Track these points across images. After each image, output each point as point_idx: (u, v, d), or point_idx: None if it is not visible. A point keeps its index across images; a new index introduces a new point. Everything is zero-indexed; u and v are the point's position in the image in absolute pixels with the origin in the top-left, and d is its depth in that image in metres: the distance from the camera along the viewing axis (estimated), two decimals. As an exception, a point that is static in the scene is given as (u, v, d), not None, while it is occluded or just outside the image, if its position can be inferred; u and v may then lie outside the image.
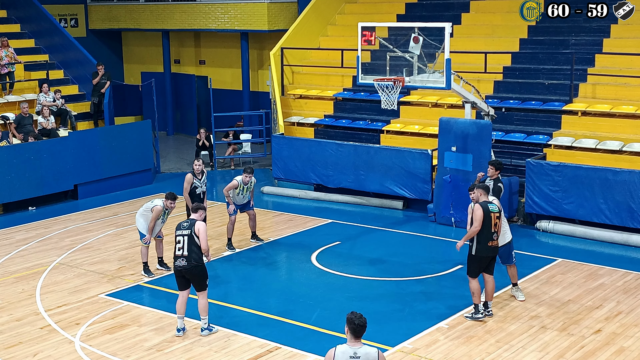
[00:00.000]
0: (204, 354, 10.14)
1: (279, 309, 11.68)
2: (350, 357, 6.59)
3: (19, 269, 13.73)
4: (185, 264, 10.54)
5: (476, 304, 11.07)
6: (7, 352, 10.30)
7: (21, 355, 10.21)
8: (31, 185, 17.82)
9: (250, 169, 14.43)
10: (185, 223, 10.73)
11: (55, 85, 21.56)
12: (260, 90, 25.73)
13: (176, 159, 23.65)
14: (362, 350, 6.68)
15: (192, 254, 10.53)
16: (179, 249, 10.60)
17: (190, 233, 10.58)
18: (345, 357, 6.57)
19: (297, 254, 14.50)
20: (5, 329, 11.06)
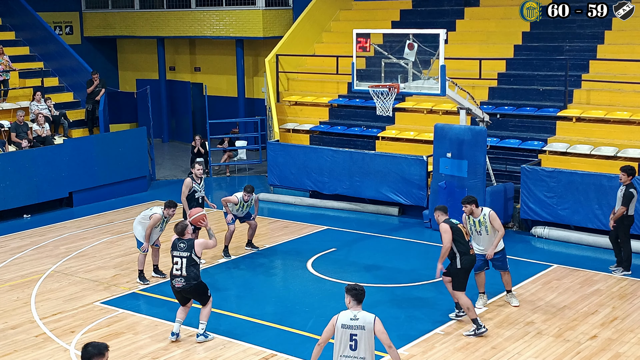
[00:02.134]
0: (199, 362, 10.12)
1: (275, 316, 11.66)
2: (350, 319, 7.61)
3: (13, 277, 13.69)
4: (184, 284, 10.50)
5: (474, 319, 10.79)
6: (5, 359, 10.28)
7: (16, 363, 10.18)
8: (26, 193, 17.78)
9: (250, 188, 14.41)
10: (182, 244, 10.60)
11: (50, 92, 21.55)
12: (255, 97, 25.75)
13: (171, 166, 23.62)
14: (361, 314, 7.65)
15: (191, 274, 10.48)
16: (177, 270, 10.52)
17: (190, 255, 10.52)
18: (346, 319, 7.62)
19: (292, 260, 14.48)
20: (0, 337, 11.01)
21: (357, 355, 7.50)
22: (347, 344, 7.53)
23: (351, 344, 7.52)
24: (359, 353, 7.49)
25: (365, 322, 7.55)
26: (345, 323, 7.58)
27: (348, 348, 7.53)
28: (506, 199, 16.01)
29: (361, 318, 7.58)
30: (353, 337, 7.51)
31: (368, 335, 7.52)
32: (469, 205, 11.41)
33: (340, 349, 7.57)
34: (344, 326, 7.57)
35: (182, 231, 10.69)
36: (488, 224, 11.37)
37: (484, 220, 11.38)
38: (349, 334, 7.53)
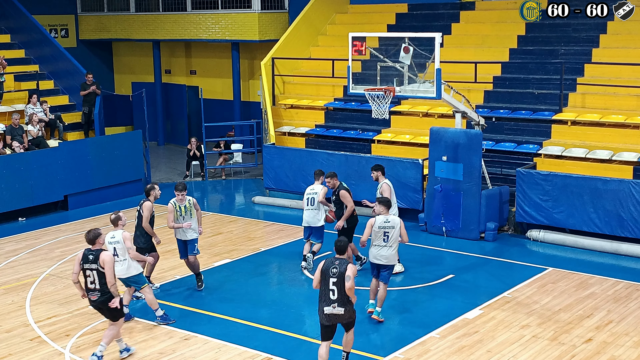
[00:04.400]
0: (194, 365, 10.10)
1: (270, 320, 11.65)
2: (384, 222, 11.26)
3: (8, 280, 13.66)
4: (99, 297, 9.91)
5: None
6: (-3, 364, 10.25)
7: (11, 367, 10.16)
8: (21, 196, 17.76)
9: (182, 186, 12.54)
10: (91, 255, 9.87)
11: (45, 95, 21.52)
12: (251, 100, 25.75)
13: (167, 169, 23.60)
14: (391, 218, 11.36)
15: (105, 287, 9.89)
16: (91, 283, 9.89)
17: (98, 268, 9.84)
18: (381, 222, 11.26)
19: (288, 264, 14.47)
20: (-5, 341, 11.00)
21: (388, 245, 11.21)
22: (381, 238, 11.17)
23: (384, 238, 11.17)
24: (389, 243, 11.19)
25: (395, 223, 11.22)
26: (380, 225, 11.17)
27: (382, 240, 11.18)
28: (501, 202, 16.03)
29: (392, 221, 11.27)
30: (386, 233, 11.15)
31: (395, 232, 11.19)
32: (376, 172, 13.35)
33: (377, 241, 11.22)
34: (380, 227, 11.17)
35: (93, 239, 9.97)
36: None
37: None
38: (382, 232, 11.14)
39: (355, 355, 10.35)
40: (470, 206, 15.58)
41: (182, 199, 12.56)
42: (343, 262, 9.39)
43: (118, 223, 11.18)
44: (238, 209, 19.40)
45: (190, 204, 12.55)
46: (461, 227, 15.75)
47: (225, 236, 16.36)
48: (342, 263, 9.36)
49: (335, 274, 9.29)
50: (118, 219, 11.20)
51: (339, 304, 9.33)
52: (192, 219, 12.62)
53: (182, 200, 12.55)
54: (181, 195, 12.55)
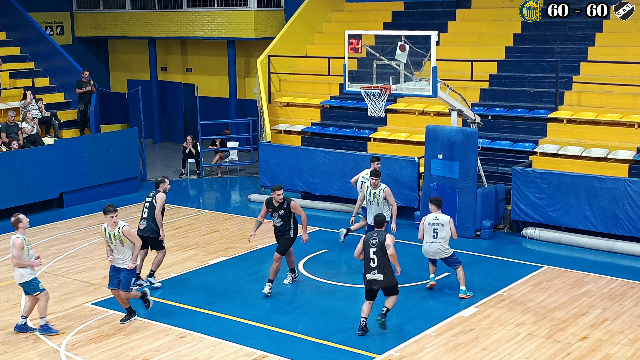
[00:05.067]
0: (190, 363, 10.10)
1: (265, 318, 11.65)
2: (433, 219, 12.29)
3: (3, 278, 13.64)
4: None
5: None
6: None
7: (6, 365, 10.14)
8: (16, 194, 17.72)
9: (112, 207, 11.00)
10: None
11: (41, 93, 21.47)
12: (247, 98, 25.73)
13: (163, 167, 23.58)
14: (440, 216, 12.32)
15: None
16: None
17: None
18: (431, 219, 12.29)
19: (284, 262, 14.43)
20: (-10, 339, 10.98)
21: (437, 241, 12.24)
22: (431, 234, 12.21)
23: (434, 235, 12.18)
24: (438, 239, 12.22)
25: (444, 221, 12.22)
26: (430, 222, 12.24)
27: (432, 237, 12.20)
28: (497, 200, 16.04)
29: (441, 219, 12.26)
30: (435, 230, 12.18)
31: (445, 228, 12.19)
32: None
33: (427, 237, 12.27)
34: (430, 224, 12.22)
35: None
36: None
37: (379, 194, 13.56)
38: (432, 228, 12.21)
39: (350, 352, 10.36)
40: (466, 204, 15.60)
41: (113, 223, 10.93)
42: (381, 233, 10.78)
43: (18, 226, 10.96)
44: (234, 206, 19.39)
45: (119, 233, 10.92)
46: (457, 225, 15.72)
47: (221, 234, 16.35)
48: (381, 234, 10.75)
49: (375, 244, 10.68)
50: (18, 221, 10.96)
51: (378, 270, 10.65)
52: (124, 249, 11.06)
53: (113, 225, 10.94)
54: (111, 218, 10.88)
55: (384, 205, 13.70)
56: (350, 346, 10.54)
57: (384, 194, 13.66)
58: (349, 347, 10.50)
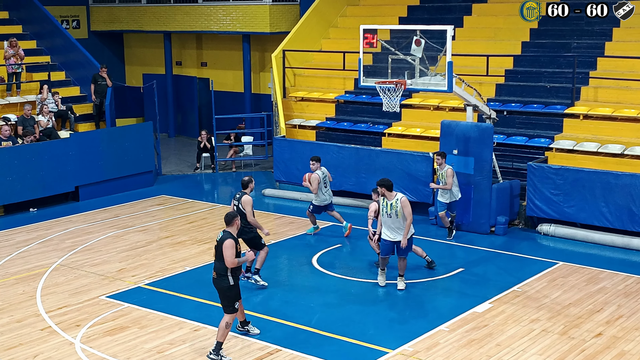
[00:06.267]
0: (203, 356, 10.12)
1: (279, 312, 11.66)
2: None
3: (19, 270, 13.72)
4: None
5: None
6: (7, 353, 10.29)
7: (21, 356, 10.20)
8: (32, 187, 17.82)
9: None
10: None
11: (57, 86, 21.56)
12: (261, 93, 25.73)
13: (177, 161, 23.64)
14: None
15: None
16: None
17: None
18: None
19: (298, 256, 14.48)
20: (6, 331, 11.04)
21: None
22: None
23: None
24: None
25: None
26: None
27: None
28: (512, 196, 15.97)
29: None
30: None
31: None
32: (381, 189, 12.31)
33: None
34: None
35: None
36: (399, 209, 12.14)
37: (396, 205, 12.16)
38: None
39: (364, 347, 10.35)
40: (480, 200, 15.54)
41: None
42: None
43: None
44: (248, 201, 19.40)
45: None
46: (471, 221, 15.71)
47: (235, 228, 16.34)
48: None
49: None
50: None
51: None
52: None
53: None
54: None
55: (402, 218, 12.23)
56: (363, 341, 10.54)
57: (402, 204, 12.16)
58: (362, 342, 10.49)
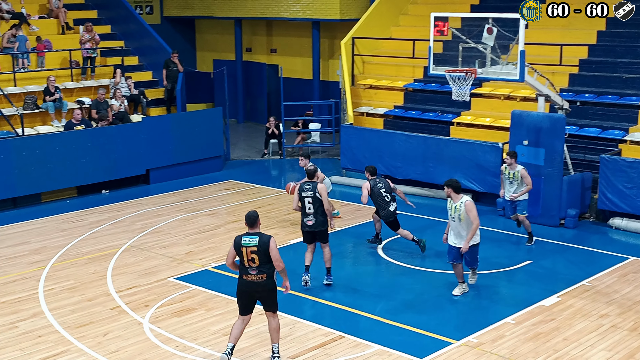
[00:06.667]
0: (269, 340, 10.22)
1: (343, 299, 11.69)
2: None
3: (91, 250, 14.09)
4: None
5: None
6: (78, 331, 10.59)
7: (92, 334, 10.49)
8: (105, 169, 18.25)
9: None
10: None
11: (129, 71, 21.99)
12: (330, 80, 25.74)
13: (246, 146, 23.87)
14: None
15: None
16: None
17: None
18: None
19: (363, 244, 14.48)
20: (78, 309, 11.37)
21: None
22: None
23: None
24: None
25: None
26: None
27: None
28: (583, 188, 15.63)
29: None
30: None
31: None
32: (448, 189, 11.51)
33: None
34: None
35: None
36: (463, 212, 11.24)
37: (460, 208, 11.28)
38: None
39: (428, 337, 10.31)
40: (550, 192, 15.26)
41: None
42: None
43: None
44: (314, 187, 19.46)
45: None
46: (541, 213, 15.44)
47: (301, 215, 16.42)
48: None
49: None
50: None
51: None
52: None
53: None
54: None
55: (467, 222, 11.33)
56: (428, 330, 10.49)
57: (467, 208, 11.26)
58: (426, 332, 10.45)
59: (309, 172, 12.58)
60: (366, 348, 9.99)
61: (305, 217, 12.03)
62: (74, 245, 14.37)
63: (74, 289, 12.16)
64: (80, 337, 10.38)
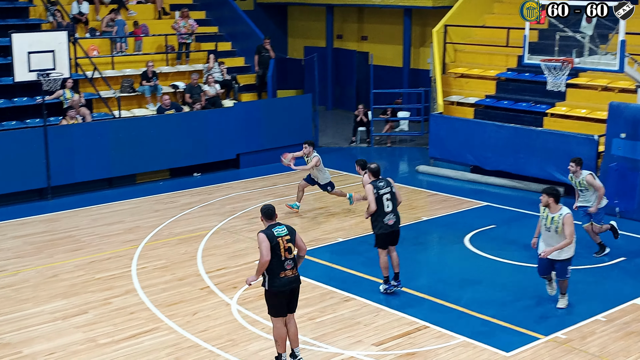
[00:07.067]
0: (353, 327, 10.27)
1: (429, 289, 11.62)
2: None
3: (182, 232, 14.43)
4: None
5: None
6: (169, 309, 10.89)
7: (182, 312, 10.76)
8: (196, 153, 18.64)
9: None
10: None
11: (223, 57, 22.33)
12: (420, 68, 25.53)
13: (334, 133, 23.94)
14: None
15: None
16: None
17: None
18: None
19: (449, 234, 14.35)
20: (169, 287, 11.68)
21: None
22: None
23: None
24: None
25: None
26: None
27: None
28: (683, 185, 15.05)
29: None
30: None
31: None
32: (547, 197, 10.45)
33: None
34: None
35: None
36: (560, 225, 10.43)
37: (558, 220, 10.43)
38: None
39: (515, 330, 10.15)
40: (647, 187, 14.75)
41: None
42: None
43: None
44: (401, 176, 19.39)
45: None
46: (636, 208, 14.95)
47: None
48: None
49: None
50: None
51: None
52: None
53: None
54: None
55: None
56: (514, 324, 10.33)
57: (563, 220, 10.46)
58: (513, 325, 10.29)
59: (374, 169, 11.23)
60: (450, 339, 9.91)
61: (384, 217, 10.94)
62: (166, 226, 14.75)
63: (165, 268, 12.49)
64: (171, 315, 10.67)
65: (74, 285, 11.73)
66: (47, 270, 12.38)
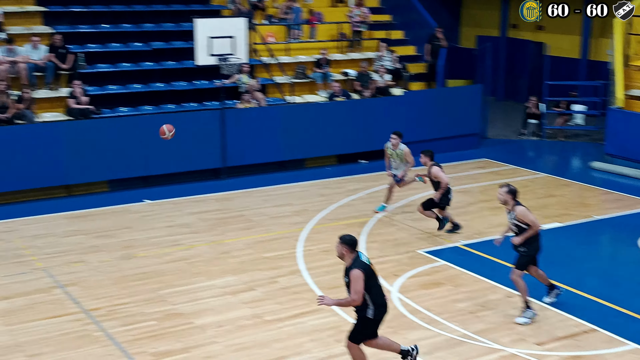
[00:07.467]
0: (516, 324, 10.07)
1: (598, 291, 11.18)
2: None
3: (347, 217, 14.68)
4: None
5: None
6: (331, 291, 11.07)
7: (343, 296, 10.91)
8: (363, 139, 18.84)
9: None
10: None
11: (394, 45, 22.37)
12: (599, 60, 24.40)
13: (503, 125, 23.42)
14: None
15: None
16: None
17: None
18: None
19: (622, 235, 13.71)
20: (332, 270, 11.91)
21: None
22: None
23: None
24: None
25: None
26: None
27: None
28: None
29: None
30: None
31: None
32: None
33: None
34: None
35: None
36: None
37: None
38: None
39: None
40: None
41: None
42: None
43: None
44: (573, 172, 18.73)
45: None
46: None
47: (557, 199, 15.91)
48: None
49: None
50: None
51: None
52: None
53: None
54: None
55: None
56: None
57: None
58: None
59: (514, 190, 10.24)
60: (620, 345, 9.51)
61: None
62: (333, 211, 15.06)
63: (330, 252, 12.74)
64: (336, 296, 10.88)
65: (243, 263, 12.26)
66: (219, 246, 13.02)
